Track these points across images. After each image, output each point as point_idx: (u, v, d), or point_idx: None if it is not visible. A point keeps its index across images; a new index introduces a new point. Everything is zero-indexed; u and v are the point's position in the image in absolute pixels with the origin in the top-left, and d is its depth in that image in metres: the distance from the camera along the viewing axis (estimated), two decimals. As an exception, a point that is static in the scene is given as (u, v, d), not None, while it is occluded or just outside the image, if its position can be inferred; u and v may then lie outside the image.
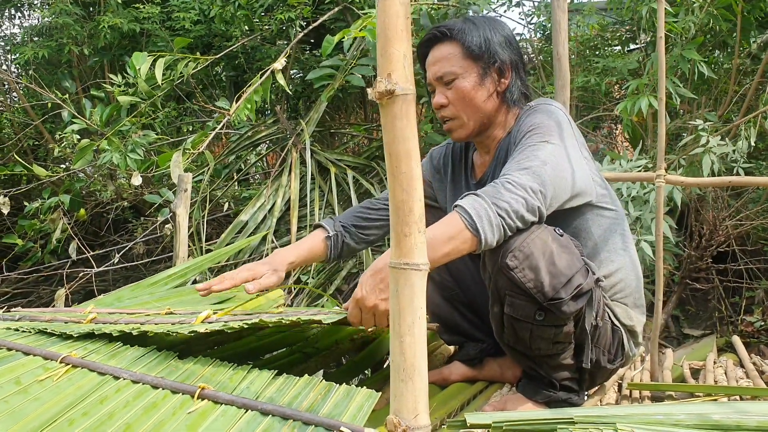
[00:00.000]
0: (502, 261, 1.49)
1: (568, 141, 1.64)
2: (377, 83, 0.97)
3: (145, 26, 5.10)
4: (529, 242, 1.48)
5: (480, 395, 1.84)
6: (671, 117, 4.12)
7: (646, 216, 3.06)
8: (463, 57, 1.70)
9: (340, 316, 1.50)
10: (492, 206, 1.44)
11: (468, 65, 1.70)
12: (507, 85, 1.74)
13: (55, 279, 4.88)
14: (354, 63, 4.28)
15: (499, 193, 1.46)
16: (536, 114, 1.69)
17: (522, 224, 1.48)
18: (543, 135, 1.61)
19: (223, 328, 1.46)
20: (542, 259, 1.47)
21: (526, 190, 1.48)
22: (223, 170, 4.88)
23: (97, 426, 1.19)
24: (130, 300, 2.32)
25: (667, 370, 2.21)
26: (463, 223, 1.42)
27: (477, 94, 1.71)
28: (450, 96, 1.73)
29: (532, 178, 1.50)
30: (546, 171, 1.53)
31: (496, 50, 1.71)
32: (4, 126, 5.39)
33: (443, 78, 1.72)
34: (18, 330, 1.64)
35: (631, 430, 1.24)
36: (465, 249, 1.44)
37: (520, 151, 1.59)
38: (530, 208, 1.48)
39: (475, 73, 1.71)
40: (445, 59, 1.72)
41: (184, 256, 2.93)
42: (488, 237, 1.43)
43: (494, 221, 1.43)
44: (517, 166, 1.53)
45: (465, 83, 1.70)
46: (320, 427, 1.14)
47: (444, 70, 1.72)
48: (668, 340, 3.79)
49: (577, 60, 4.68)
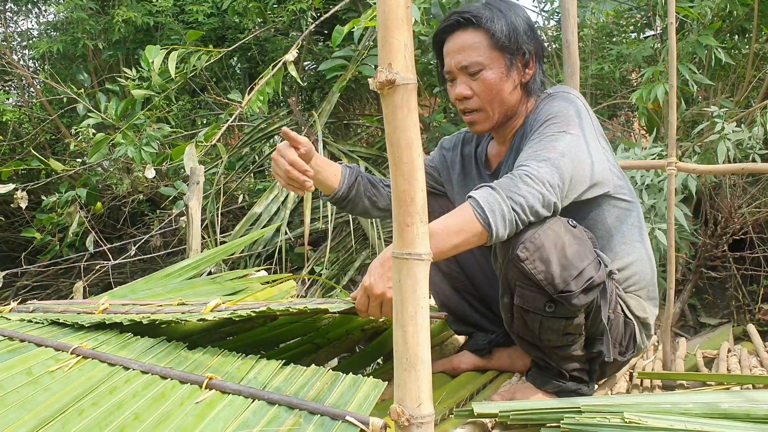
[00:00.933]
0: (512, 252, 1.47)
1: (587, 131, 1.61)
2: (378, 73, 0.97)
3: (158, 20, 5.12)
4: (540, 234, 1.46)
5: (490, 385, 1.84)
6: (688, 104, 4.07)
7: (660, 204, 3.03)
8: (490, 47, 1.62)
9: (347, 306, 1.50)
10: (507, 200, 1.42)
11: (495, 56, 1.63)
12: (531, 76, 1.68)
13: (74, 272, 4.95)
14: (366, 53, 4.27)
15: (516, 187, 1.43)
16: (554, 102, 1.64)
17: (535, 219, 1.45)
18: (561, 125, 1.57)
19: (231, 316, 1.47)
20: (554, 251, 1.46)
21: (544, 185, 1.45)
22: (237, 162, 4.91)
23: (106, 416, 1.21)
24: (143, 292, 2.34)
25: (680, 359, 2.20)
26: (475, 216, 1.40)
27: (504, 87, 1.65)
28: (475, 87, 1.65)
29: (550, 171, 1.47)
30: (564, 163, 1.50)
31: (522, 40, 1.64)
32: (23, 121, 5.45)
33: (468, 68, 1.64)
34: (31, 321, 1.66)
35: (638, 419, 1.24)
36: (475, 242, 1.42)
37: (537, 140, 1.55)
38: (546, 204, 1.45)
39: (503, 64, 1.63)
40: (471, 48, 1.63)
41: (197, 248, 2.96)
42: (499, 231, 1.41)
43: (507, 216, 1.41)
44: (536, 158, 1.50)
45: (492, 75, 1.63)
46: (326, 416, 1.15)
47: (470, 59, 1.63)
48: (684, 329, 3.76)
49: (592, 48, 4.63)
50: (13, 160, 5.16)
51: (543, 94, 1.71)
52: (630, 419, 1.23)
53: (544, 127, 1.58)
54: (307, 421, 1.14)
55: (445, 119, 4.42)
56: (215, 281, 2.54)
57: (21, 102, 5.82)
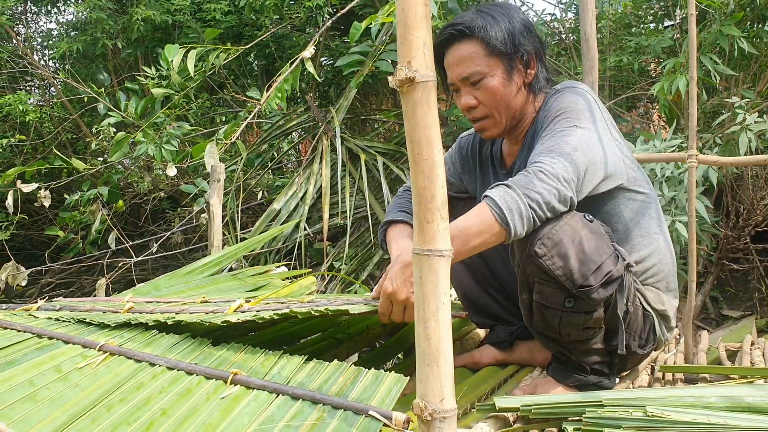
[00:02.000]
0: (530, 248, 1.48)
1: (598, 123, 1.61)
2: (397, 71, 0.98)
3: (176, 18, 5.16)
4: (558, 229, 1.47)
5: (511, 379, 1.84)
6: (708, 95, 4.02)
7: (680, 196, 3.01)
8: (487, 55, 1.64)
9: (368, 308, 1.51)
10: (523, 197, 1.42)
11: (493, 62, 1.64)
12: (534, 75, 1.69)
13: (96, 269, 5.01)
14: (383, 49, 4.27)
15: (531, 184, 1.44)
16: (563, 97, 1.65)
17: (552, 215, 1.46)
18: (571, 119, 1.58)
19: (254, 318, 1.49)
20: (571, 246, 1.46)
21: (559, 180, 1.45)
22: (256, 159, 4.93)
23: (134, 411, 1.23)
24: (167, 288, 2.37)
25: (702, 352, 2.18)
26: (493, 216, 1.41)
27: (507, 91, 1.66)
28: (479, 96, 1.67)
29: (564, 166, 1.47)
30: (577, 157, 1.50)
31: (519, 42, 1.65)
32: (44, 120, 5.52)
33: (469, 78, 1.66)
34: (58, 320, 1.69)
35: (660, 413, 1.24)
36: (493, 241, 1.43)
37: (549, 136, 1.56)
38: (562, 199, 1.46)
39: (502, 69, 1.65)
40: (469, 59, 1.65)
41: (218, 245, 2.98)
42: (518, 229, 1.42)
43: (525, 214, 1.42)
44: (549, 153, 1.50)
45: (494, 82, 1.65)
46: (349, 411, 1.16)
47: (469, 70, 1.65)
48: (706, 321, 3.73)
49: (610, 39, 4.59)
50: (36, 159, 5.23)
51: (551, 90, 1.72)
52: (652, 413, 1.24)
53: (554, 122, 1.59)
54: (331, 415, 1.16)
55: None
56: (237, 277, 2.56)
57: (42, 102, 5.89)
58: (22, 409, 1.24)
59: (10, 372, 1.38)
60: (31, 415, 1.23)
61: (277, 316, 1.50)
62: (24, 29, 6.11)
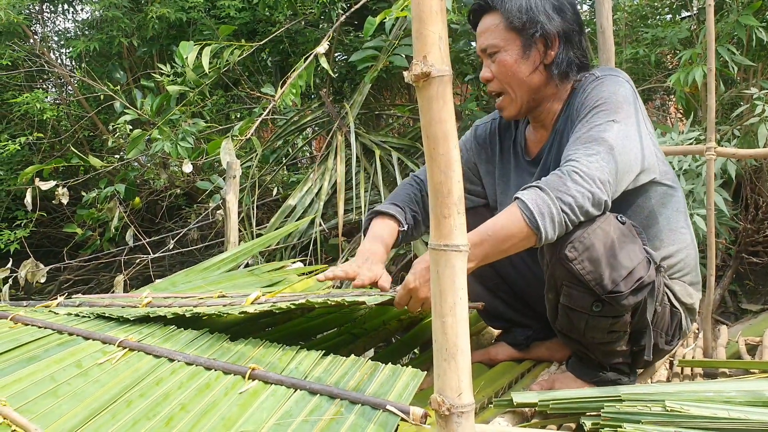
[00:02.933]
0: (561, 252, 1.43)
1: (637, 116, 1.57)
2: (413, 66, 0.97)
3: (191, 15, 5.18)
4: (590, 233, 1.42)
5: (528, 374, 1.84)
6: (726, 86, 3.97)
7: (698, 189, 2.98)
8: (505, 29, 1.63)
9: (384, 298, 1.51)
10: (556, 201, 1.39)
11: (510, 37, 1.63)
12: (553, 57, 1.64)
13: (114, 266, 5.05)
14: (397, 43, 4.26)
15: (565, 186, 1.40)
16: (603, 86, 1.59)
17: (585, 219, 1.42)
18: (610, 112, 1.53)
19: (271, 308, 1.50)
20: (603, 251, 1.42)
21: (594, 182, 1.41)
22: (271, 155, 4.95)
23: (153, 407, 1.24)
24: (184, 285, 2.39)
25: (721, 346, 2.16)
26: (524, 220, 1.38)
27: (520, 68, 1.63)
28: (494, 70, 1.66)
29: (600, 167, 1.43)
30: (614, 157, 1.46)
31: (540, 20, 1.61)
32: (61, 118, 5.57)
33: (487, 50, 1.66)
34: (78, 315, 1.71)
35: (680, 407, 1.23)
36: (523, 245, 1.41)
37: (586, 129, 1.51)
38: (596, 202, 1.42)
39: (518, 45, 1.62)
40: (489, 31, 1.65)
41: (234, 241, 3.00)
42: (549, 234, 1.39)
43: (557, 218, 1.39)
44: (585, 151, 1.46)
45: (506, 56, 1.63)
46: (367, 406, 1.17)
47: (487, 42, 1.65)
48: (725, 315, 3.70)
49: (626, 31, 4.55)
50: (53, 157, 5.28)
51: (590, 76, 1.65)
52: (672, 408, 1.23)
53: (592, 114, 1.54)
54: (349, 410, 1.16)
55: (478, 107, 4.39)
56: (253, 273, 2.57)
57: (59, 100, 5.95)
58: (44, 404, 1.26)
59: (32, 368, 1.40)
60: (53, 410, 1.24)
61: (294, 305, 1.50)
62: (41, 28, 6.17)
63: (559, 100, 1.69)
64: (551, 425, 1.40)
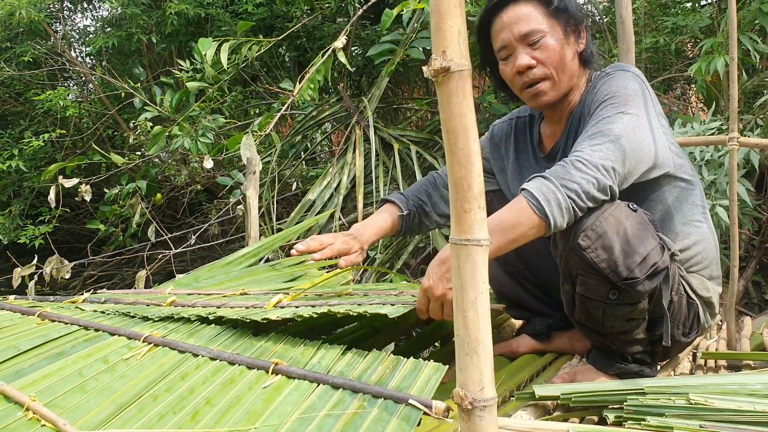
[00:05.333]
0: (573, 241, 1.45)
1: (648, 109, 1.57)
2: (432, 61, 0.97)
3: (209, 11, 5.21)
4: (602, 220, 1.43)
5: (549, 367, 1.84)
6: (749, 75, 3.92)
7: (721, 180, 2.94)
8: (546, 15, 1.63)
9: (407, 309, 1.51)
10: (561, 188, 1.40)
11: (552, 23, 1.64)
12: (585, 45, 1.68)
13: (137, 261, 5.12)
14: (414, 36, 4.25)
15: (569, 174, 1.42)
16: (612, 81, 1.61)
17: (593, 204, 1.43)
18: (619, 105, 1.54)
19: (293, 316, 1.50)
20: (616, 238, 1.43)
21: (598, 169, 1.43)
22: (290, 150, 4.97)
23: (179, 401, 1.26)
24: (207, 279, 2.41)
25: (745, 338, 2.14)
26: (531, 209, 1.39)
27: (566, 53, 1.65)
28: (539, 56, 1.64)
29: (605, 155, 1.45)
30: (621, 145, 1.47)
31: (573, 9, 1.65)
32: (83, 116, 5.63)
33: (528, 36, 1.63)
34: (104, 312, 1.74)
35: (704, 400, 1.22)
36: (533, 234, 1.41)
37: (594, 123, 1.53)
38: (601, 188, 1.43)
39: (560, 30, 1.64)
40: (528, 17, 1.63)
41: (255, 236, 3.02)
42: (557, 220, 1.40)
43: (563, 204, 1.40)
44: (590, 142, 1.48)
45: (553, 41, 1.63)
46: (389, 400, 1.17)
47: (529, 27, 1.63)
48: (749, 306, 3.65)
49: (646, 20, 4.49)
50: (76, 154, 5.35)
51: (601, 74, 1.68)
52: (695, 401, 1.22)
53: (601, 108, 1.56)
54: (371, 404, 1.17)
55: (496, 100, 4.37)
56: (274, 268, 2.59)
57: (80, 98, 6.02)
58: (72, 399, 1.28)
59: (60, 363, 1.42)
60: (81, 405, 1.26)
61: (315, 314, 1.51)
62: (61, 26, 6.23)
63: (578, 92, 1.71)
64: (573, 418, 1.40)
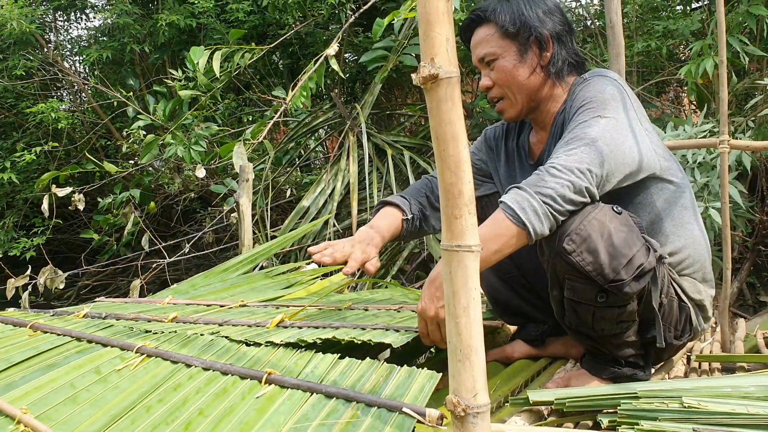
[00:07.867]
0: (559, 245, 1.46)
1: (628, 112, 1.59)
2: (421, 68, 0.98)
3: (200, 21, 5.21)
4: (586, 224, 1.44)
5: (544, 372, 1.83)
6: (739, 77, 3.94)
7: (713, 182, 2.95)
8: (500, 37, 1.70)
9: (410, 337, 1.52)
10: (535, 195, 1.42)
11: (506, 44, 1.70)
12: (549, 58, 1.71)
13: (131, 270, 5.10)
14: (406, 43, 4.26)
15: (542, 180, 1.45)
16: (589, 87, 1.64)
17: (572, 207, 1.45)
18: (596, 109, 1.56)
19: (296, 341, 1.50)
20: (600, 240, 1.44)
21: (572, 172, 1.45)
22: (284, 157, 4.97)
23: (172, 412, 1.26)
24: (204, 287, 2.41)
25: (739, 340, 2.15)
26: (508, 219, 1.41)
27: (519, 72, 1.70)
28: (494, 77, 1.73)
29: (579, 158, 1.47)
30: (598, 148, 1.48)
31: (532, 24, 1.68)
32: (76, 126, 5.62)
33: (484, 59, 1.73)
34: (97, 319, 1.73)
35: (697, 404, 1.22)
36: (516, 243, 1.43)
37: (570, 129, 1.56)
38: (577, 190, 1.44)
39: (514, 50, 1.70)
40: (484, 41, 1.72)
41: (249, 244, 3.02)
42: (536, 227, 1.42)
43: (540, 210, 1.42)
44: (565, 149, 1.50)
45: (505, 62, 1.70)
46: (383, 408, 1.17)
47: (484, 51, 1.72)
48: (743, 308, 3.66)
49: (637, 24, 4.52)
50: (69, 164, 5.34)
51: (579, 79, 1.71)
52: (689, 404, 1.22)
53: (577, 114, 1.59)
54: (365, 413, 1.16)
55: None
56: (269, 276, 2.59)
57: (73, 107, 6.01)
58: (64, 411, 1.28)
59: (52, 375, 1.41)
60: (73, 417, 1.26)
61: (320, 340, 1.50)
62: (54, 37, 6.23)
63: (557, 101, 1.74)
64: (568, 423, 1.39)
